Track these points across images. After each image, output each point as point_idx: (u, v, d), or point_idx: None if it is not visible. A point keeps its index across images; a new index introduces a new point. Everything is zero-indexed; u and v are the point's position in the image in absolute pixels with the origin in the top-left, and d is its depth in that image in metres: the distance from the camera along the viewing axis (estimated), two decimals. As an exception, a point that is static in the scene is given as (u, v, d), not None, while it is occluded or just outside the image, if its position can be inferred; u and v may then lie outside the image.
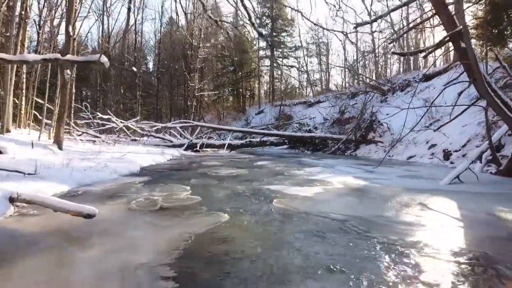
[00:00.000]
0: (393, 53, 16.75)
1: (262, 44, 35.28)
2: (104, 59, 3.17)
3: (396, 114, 8.89)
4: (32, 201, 2.69)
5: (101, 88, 22.32)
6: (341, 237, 2.24)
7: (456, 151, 8.37)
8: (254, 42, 35.36)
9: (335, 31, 8.92)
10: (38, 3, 15.76)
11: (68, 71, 7.30)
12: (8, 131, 7.58)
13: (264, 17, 35.10)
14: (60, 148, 7.10)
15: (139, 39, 28.97)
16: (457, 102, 7.17)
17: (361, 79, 25.09)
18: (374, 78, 24.53)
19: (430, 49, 5.35)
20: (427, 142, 9.83)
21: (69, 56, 3.29)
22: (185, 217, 2.71)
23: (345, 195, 3.82)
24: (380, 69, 27.67)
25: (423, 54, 6.43)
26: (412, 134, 9.68)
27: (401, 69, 26.26)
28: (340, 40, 30.18)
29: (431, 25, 12.20)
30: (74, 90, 12.45)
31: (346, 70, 30.84)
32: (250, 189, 4.11)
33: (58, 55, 3.12)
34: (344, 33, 8.38)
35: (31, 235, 2.26)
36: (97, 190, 3.82)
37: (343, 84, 31.45)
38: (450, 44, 5.61)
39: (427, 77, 16.25)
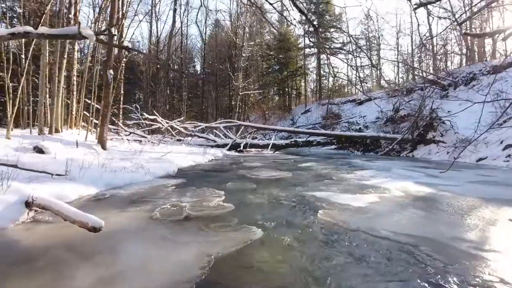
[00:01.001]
0: (465, 34, 14.93)
1: (308, 41, 34.39)
2: (87, 32, 2.76)
3: (464, 109, 7.74)
4: (45, 206, 2.42)
5: (150, 90, 23.12)
6: (412, 272, 1.62)
7: (540, 152, 7.06)
8: (300, 40, 34.58)
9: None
10: (94, 11, 16.61)
11: (111, 71, 7.32)
12: (57, 131, 7.82)
13: (310, 14, 34.14)
14: (103, 148, 7.13)
15: (187, 42, 29.62)
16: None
17: (417, 73, 23.20)
18: (431, 72, 22.46)
19: (513, 29, 4.35)
20: (501, 142, 8.49)
21: (42, 29, 2.96)
22: (211, 231, 2.25)
23: (408, 207, 3.12)
24: (438, 62, 25.33)
25: (504, 34, 5.35)
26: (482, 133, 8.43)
27: (464, 62, 23.80)
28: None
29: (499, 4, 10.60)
30: (122, 92, 12.82)
31: (400, 64, 28.83)
32: (292, 196, 3.56)
33: (29, 28, 2.78)
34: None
35: (32, 248, 1.95)
36: (125, 193, 3.53)
37: (396, 80, 29.45)
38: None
39: (496, 70, 14.36)
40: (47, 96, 8.00)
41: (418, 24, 7.03)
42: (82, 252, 1.88)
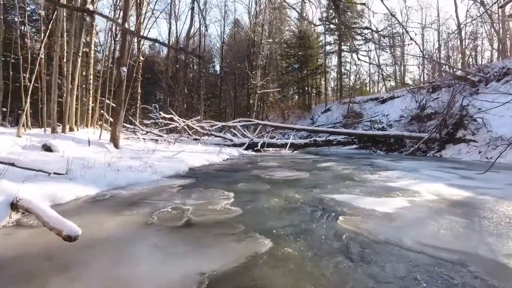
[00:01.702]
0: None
1: (329, 39, 33.66)
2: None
3: (504, 103, 7.11)
4: (28, 209, 2.17)
5: (169, 90, 23.17)
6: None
7: None
8: (321, 38, 33.87)
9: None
10: (114, 12, 16.64)
11: (124, 69, 7.16)
12: (72, 129, 7.75)
13: (331, 11, 33.38)
14: (116, 146, 6.98)
15: (206, 42, 29.57)
16: None
17: (444, 69, 22.07)
18: (459, 67, 21.29)
19: None
20: (542, 141, 7.73)
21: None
22: (211, 241, 1.92)
23: (444, 213, 2.67)
24: (467, 57, 23.98)
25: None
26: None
27: (495, 56, 22.46)
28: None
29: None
30: (140, 90, 12.77)
31: (425, 61, 27.59)
32: (309, 199, 3.18)
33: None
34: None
35: (2, 257, 1.68)
36: (126, 194, 3.26)
37: (421, 78, 28.25)
38: None
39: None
40: (65, 94, 7.96)
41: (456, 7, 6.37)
42: (57, 264, 1.59)
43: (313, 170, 5.93)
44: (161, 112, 13.79)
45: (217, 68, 36.03)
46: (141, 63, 12.06)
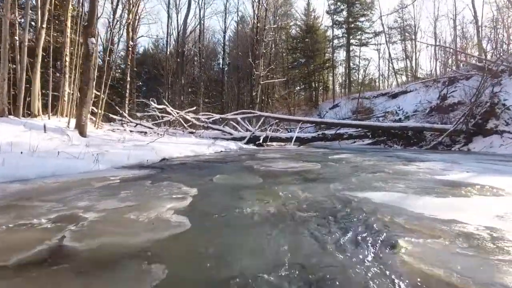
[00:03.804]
0: None
1: (337, 32, 32.18)
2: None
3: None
4: None
5: (171, 85, 21.94)
6: None
7: None
8: (328, 32, 32.45)
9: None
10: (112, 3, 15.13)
11: (93, 40, 5.89)
12: (35, 116, 6.50)
13: (339, 3, 31.94)
14: (82, 134, 5.69)
15: (209, 38, 28.44)
16: None
17: (460, 59, 20.47)
18: (476, 56, 19.63)
19: None
20: None
21: None
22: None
23: None
24: (483, 49, 22.27)
25: None
26: None
27: (513, 46, 20.74)
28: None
29: None
30: (129, 79, 11.52)
31: (438, 55, 25.89)
32: (324, 199, 1.82)
33: None
34: None
35: None
36: (12, 191, 1.92)
37: (433, 71, 26.58)
38: None
39: None
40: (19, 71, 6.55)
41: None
42: None
43: (324, 161, 4.56)
44: (152, 103, 12.49)
45: (221, 64, 34.90)
46: (130, 48, 10.80)
